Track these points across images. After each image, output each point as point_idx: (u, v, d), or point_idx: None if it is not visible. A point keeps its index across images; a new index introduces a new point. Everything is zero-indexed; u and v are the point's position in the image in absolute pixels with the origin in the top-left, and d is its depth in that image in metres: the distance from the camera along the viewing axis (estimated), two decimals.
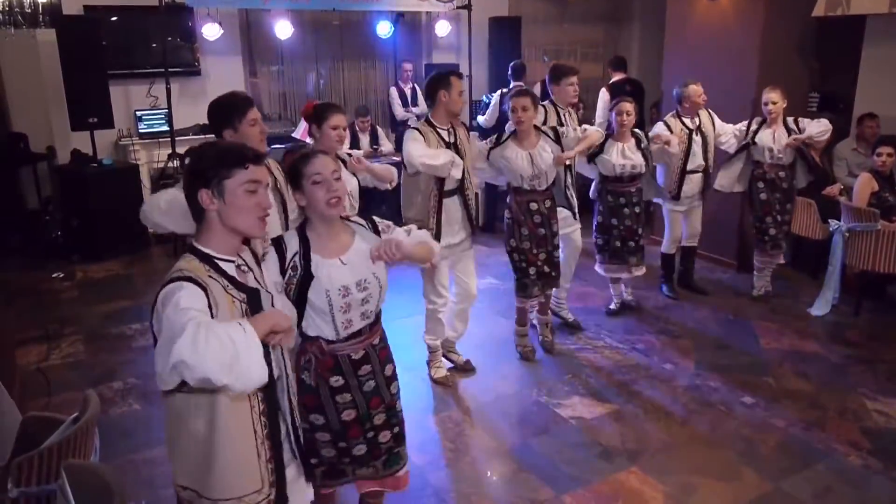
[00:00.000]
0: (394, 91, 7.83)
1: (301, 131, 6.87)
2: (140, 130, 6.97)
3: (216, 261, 1.82)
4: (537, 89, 7.96)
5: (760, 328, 4.86)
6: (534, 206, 4.09)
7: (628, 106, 4.60)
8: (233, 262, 1.86)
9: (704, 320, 5.04)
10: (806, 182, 5.14)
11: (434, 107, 3.82)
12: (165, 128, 6.78)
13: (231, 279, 1.83)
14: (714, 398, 3.97)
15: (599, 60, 9.80)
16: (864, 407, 3.84)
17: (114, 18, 6.81)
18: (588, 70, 9.39)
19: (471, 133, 4.11)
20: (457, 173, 3.72)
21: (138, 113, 6.97)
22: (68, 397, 3.88)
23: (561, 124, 4.47)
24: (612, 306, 5.13)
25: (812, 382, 4.12)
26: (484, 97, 7.81)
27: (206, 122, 7.11)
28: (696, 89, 4.91)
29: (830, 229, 5.03)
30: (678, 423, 3.73)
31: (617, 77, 7.47)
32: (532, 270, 4.18)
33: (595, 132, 4.28)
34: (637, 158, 4.62)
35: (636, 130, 4.71)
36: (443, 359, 4.28)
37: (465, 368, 4.32)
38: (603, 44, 9.98)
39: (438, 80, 3.78)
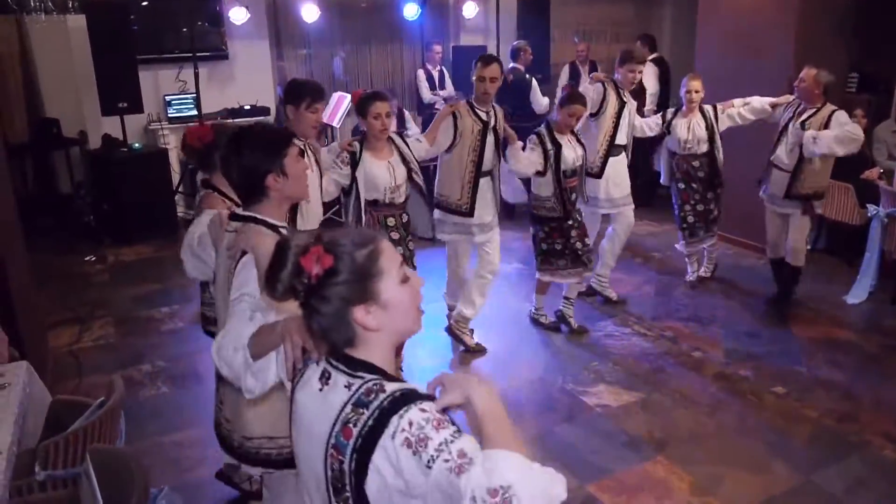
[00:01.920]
0: (421, 74, 7.76)
1: (328, 114, 6.86)
2: (169, 115, 7.03)
3: (279, 229, 2.01)
4: (565, 72, 7.85)
5: (793, 316, 4.74)
6: (391, 221, 3.64)
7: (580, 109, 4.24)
8: (286, 227, 2.08)
9: (735, 307, 4.94)
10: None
11: None
12: (194, 112, 6.82)
13: None
14: (744, 387, 3.89)
15: (631, 40, 9.58)
16: None
17: (144, 3, 6.85)
18: (621, 51, 9.22)
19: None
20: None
21: (167, 98, 7.02)
22: (98, 380, 3.93)
23: (623, 101, 4.72)
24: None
25: (846, 372, 4.01)
26: None
27: (234, 106, 7.20)
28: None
29: (869, 214, 4.89)
30: (706, 413, 3.66)
31: (653, 55, 7.36)
32: None
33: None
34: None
35: None
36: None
37: (476, 350, 4.37)
38: (635, 23, 9.77)
39: (475, 65, 4.00)
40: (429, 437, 1.17)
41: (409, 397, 1.23)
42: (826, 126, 4.31)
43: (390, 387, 1.24)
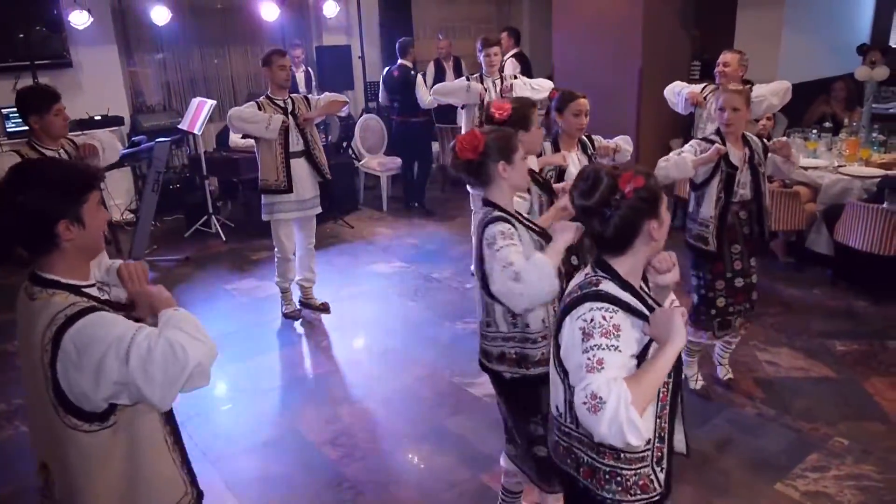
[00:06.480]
0: None
1: (188, 122, 6.56)
2: (8, 129, 6.44)
3: (83, 290, 1.63)
4: (430, 69, 7.93)
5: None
6: None
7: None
8: (93, 285, 1.70)
9: None
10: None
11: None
12: None
13: (105, 302, 1.67)
14: None
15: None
16: (755, 359, 4.06)
17: None
18: None
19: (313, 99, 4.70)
20: (272, 134, 4.37)
21: (4, 111, 6.43)
22: None
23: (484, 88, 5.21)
24: None
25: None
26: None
27: (83, 117, 6.71)
28: None
29: None
30: None
31: (514, 50, 7.57)
32: None
33: None
34: None
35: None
36: (295, 301, 4.95)
37: (321, 309, 4.89)
38: (495, 20, 10.04)
39: (264, 62, 4.52)
40: (592, 336, 1.58)
41: (604, 298, 1.63)
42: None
43: (603, 285, 1.66)
